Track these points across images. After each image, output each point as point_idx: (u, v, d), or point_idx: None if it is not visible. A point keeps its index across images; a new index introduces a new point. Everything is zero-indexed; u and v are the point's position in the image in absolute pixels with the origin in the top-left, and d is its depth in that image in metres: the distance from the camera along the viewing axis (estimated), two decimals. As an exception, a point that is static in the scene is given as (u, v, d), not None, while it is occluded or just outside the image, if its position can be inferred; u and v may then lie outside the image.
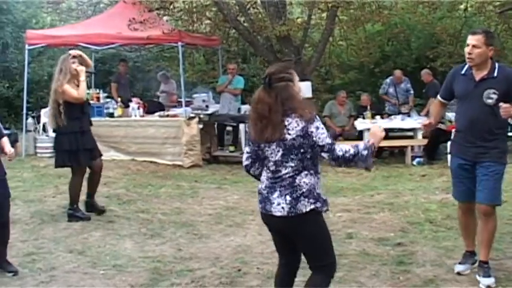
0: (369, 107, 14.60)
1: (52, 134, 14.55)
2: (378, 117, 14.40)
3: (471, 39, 5.84)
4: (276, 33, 14.56)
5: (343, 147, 4.48)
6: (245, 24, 15.85)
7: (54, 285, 6.27)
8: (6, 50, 20.51)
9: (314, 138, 4.41)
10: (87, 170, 9.01)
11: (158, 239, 7.83)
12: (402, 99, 15.64)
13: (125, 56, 19.78)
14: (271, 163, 4.56)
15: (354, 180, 11.56)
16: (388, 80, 16.08)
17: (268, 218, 4.70)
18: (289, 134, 4.41)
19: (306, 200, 4.47)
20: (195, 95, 16.02)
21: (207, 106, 15.05)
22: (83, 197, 9.15)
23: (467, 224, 6.32)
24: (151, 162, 13.15)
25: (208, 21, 17.22)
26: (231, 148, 14.17)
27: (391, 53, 19.10)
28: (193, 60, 20.80)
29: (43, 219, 8.74)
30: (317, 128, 4.43)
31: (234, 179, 11.87)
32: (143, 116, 13.81)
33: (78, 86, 8.59)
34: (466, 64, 5.99)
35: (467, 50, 5.87)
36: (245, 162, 4.81)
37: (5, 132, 13.22)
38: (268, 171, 4.62)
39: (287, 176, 4.50)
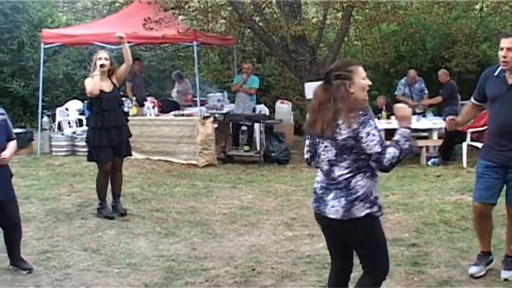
0: (384, 108, 14.55)
1: (67, 133, 14.68)
2: (393, 117, 14.33)
3: (506, 42, 5.71)
4: (291, 33, 14.53)
5: (389, 154, 4.31)
6: (260, 23, 15.83)
7: (68, 283, 6.28)
8: (22, 49, 20.60)
9: (363, 145, 4.30)
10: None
11: (172, 238, 7.84)
12: (416, 100, 15.58)
13: (139, 55, 19.82)
14: (325, 162, 4.48)
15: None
16: (403, 81, 16.03)
17: (321, 219, 4.59)
18: (340, 134, 4.32)
19: (362, 204, 4.36)
20: (209, 95, 16.03)
21: (221, 105, 15.06)
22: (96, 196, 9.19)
23: (482, 226, 6.25)
24: (166, 161, 13.17)
25: (223, 21, 17.22)
26: (246, 148, 14.17)
27: (406, 53, 19.01)
28: (208, 59, 20.80)
29: (58, 218, 8.76)
30: (368, 134, 4.27)
31: (249, 178, 11.86)
32: (158, 115, 13.82)
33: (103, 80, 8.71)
34: (499, 66, 5.89)
35: (501, 53, 5.72)
36: (306, 156, 4.78)
37: (21, 130, 13.35)
38: (322, 170, 4.55)
39: (342, 178, 4.39)
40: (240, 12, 15.11)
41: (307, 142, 4.72)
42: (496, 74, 5.92)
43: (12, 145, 6.53)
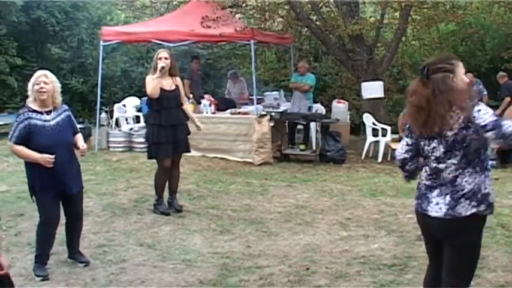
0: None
1: (124, 129, 14.83)
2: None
3: None
4: (348, 32, 14.47)
5: (507, 122, 4.07)
6: (317, 22, 15.80)
7: (124, 277, 6.35)
8: (81, 46, 20.95)
9: (477, 121, 4.05)
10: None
11: (227, 235, 7.85)
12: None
13: (197, 53, 19.93)
14: (433, 160, 4.30)
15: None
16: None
17: (422, 218, 4.43)
18: (451, 129, 4.13)
19: (468, 202, 4.18)
20: (266, 93, 16.02)
21: (278, 104, 15.04)
22: (152, 192, 9.27)
23: None
24: (221, 158, 13.21)
25: (280, 20, 17.22)
26: (302, 146, 14.13)
27: (464, 53, 18.75)
28: (265, 58, 20.82)
29: (114, 212, 8.86)
30: (479, 110, 4.08)
31: (304, 177, 11.83)
32: (215, 112, 13.87)
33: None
34: None
35: None
36: (403, 156, 4.53)
37: (79, 126, 13.58)
38: (428, 168, 4.36)
39: (449, 174, 4.22)
40: (297, 11, 15.09)
41: (408, 141, 4.50)
42: None
43: (81, 137, 6.74)
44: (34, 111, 6.26)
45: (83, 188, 6.84)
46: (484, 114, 4.07)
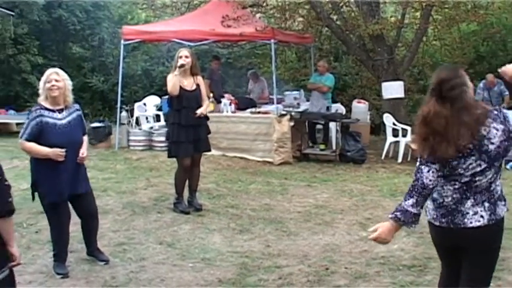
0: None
1: (144, 128, 14.89)
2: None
3: None
4: (368, 32, 14.42)
5: None
6: (338, 22, 15.76)
7: (143, 275, 6.37)
8: (102, 45, 21.05)
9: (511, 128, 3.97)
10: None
11: (247, 235, 7.86)
12: (496, 103, 15.27)
13: (217, 52, 19.93)
14: (466, 176, 4.06)
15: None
16: (481, 85, 15.78)
17: (453, 233, 4.18)
18: (492, 143, 3.95)
19: (502, 202, 4.11)
20: (286, 93, 16.01)
21: (298, 104, 15.02)
22: (172, 190, 9.29)
23: None
24: (241, 158, 13.21)
25: (301, 19, 17.18)
26: (322, 146, 14.11)
27: (486, 53, 18.65)
28: (285, 57, 20.79)
29: (134, 211, 8.89)
30: (506, 116, 3.98)
31: (324, 177, 11.81)
32: (235, 112, 13.88)
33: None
34: None
35: None
36: (431, 182, 4.10)
37: (100, 124, 13.61)
38: (457, 183, 4.11)
39: (485, 183, 4.06)
40: (317, 10, 15.05)
41: (435, 168, 4.11)
42: None
43: (86, 141, 6.69)
44: (46, 109, 6.27)
45: (90, 190, 6.79)
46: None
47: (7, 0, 17.86)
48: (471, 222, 4.06)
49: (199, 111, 8.80)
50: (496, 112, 3.99)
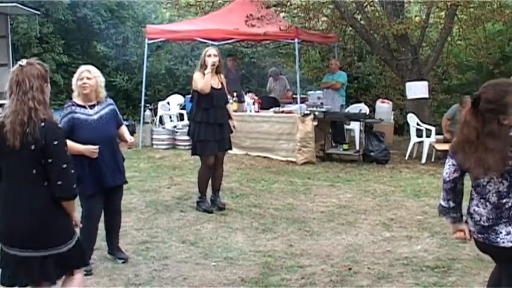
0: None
1: (168, 126, 14.92)
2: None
3: None
4: (393, 32, 14.36)
5: None
6: (362, 22, 15.72)
7: (166, 273, 6.39)
8: (126, 44, 21.13)
9: None
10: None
11: (270, 234, 7.86)
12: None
13: (240, 51, 19.95)
14: (493, 194, 4.15)
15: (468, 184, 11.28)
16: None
17: (489, 249, 4.29)
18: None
19: None
20: (310, 92, 15.99)
21: (321, 103, 14.98)
22: (195, 189, 9.32)
23: None
24: (264, 157, 13.21)
25: (324, 19, 17.18)
26: (345, 146, 14.07)
27: (511, 53, 18.51)
28: (309, 57, 20.75)
29: (157, 209, 8.93)
30: None
31: (347, 177, 11.78)
32: (258, 111, 13.87)
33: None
34: None
35: None
36: (447, 175, 4.33)
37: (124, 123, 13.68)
38: (487, 202, 4.19)
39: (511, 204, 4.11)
40: (342, 10, 15.02)
41: (452, 162, 4.31)
42: None
43: (126, 129, 6.94)
44: (78, 105, 6.34)
45: (127, 182, 6.89)
46: None
47: (33, 0, 17.96)
48: (503, 242, 4.11)
49: (232, 124, 9.09)
50: None
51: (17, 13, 17.76)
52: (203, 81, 8.64)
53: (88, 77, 6.34)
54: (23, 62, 4.48)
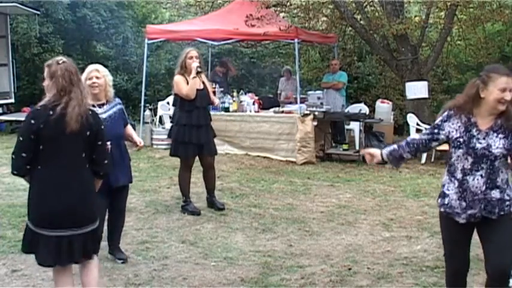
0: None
1: (168, 127, 14.91)
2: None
3: None
4: (392, 32, 14.34)
5: None
6: (362, 22, 15.72)
7: (166, 273, 6.39)
8: (126, 44, 21.13)
9: None
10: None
11: (269, 234, 7.86)
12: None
13: (240, 51, 19.95)
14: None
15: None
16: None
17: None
18: None
19: None
20: (309, 92, 15.98)
21: (321, 103, 14.98)
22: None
23: None
24: (264, 157, 13.20)
25: (324, 19, 17.18)
26: (345, 146, 14.06)
27: (511, 54, 18.50)
28: (309, 57, 20.75)
29: (157, 209, 8.93)
30: None
31: (347, 177, 11.77)
32: (258, 111, 13.87)
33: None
34: None
35: None
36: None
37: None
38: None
39: None
40: (341, 10, 15.02)
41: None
42: None
43: (133, 130, 7.16)
44: None
45: (131, 182, 6.90)
46: None
47: (33, 0, 17.97)
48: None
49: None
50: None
51: (16, 13, 17.79)
52: (188, 87, 8.56)
53: (97, 76, 6.35)
54: (60, 58, 4.82)
